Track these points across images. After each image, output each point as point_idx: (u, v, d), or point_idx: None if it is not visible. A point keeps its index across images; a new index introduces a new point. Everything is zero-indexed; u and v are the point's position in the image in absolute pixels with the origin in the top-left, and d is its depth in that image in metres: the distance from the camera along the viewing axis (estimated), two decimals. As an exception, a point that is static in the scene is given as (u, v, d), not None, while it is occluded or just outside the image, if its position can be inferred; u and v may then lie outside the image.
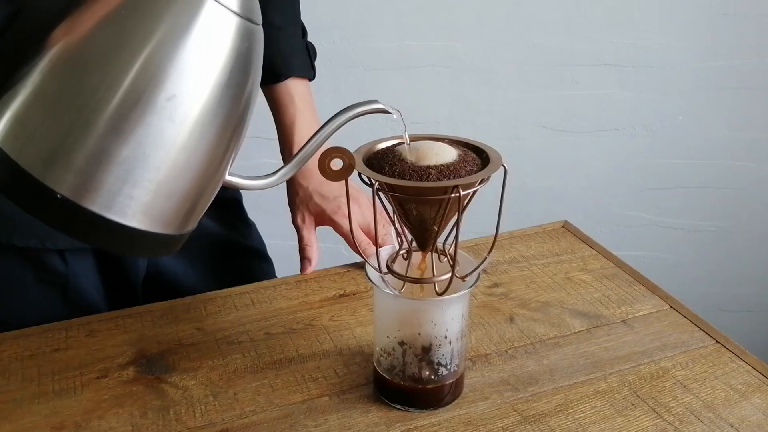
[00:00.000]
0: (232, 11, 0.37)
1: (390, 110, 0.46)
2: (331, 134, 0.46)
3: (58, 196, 0.36)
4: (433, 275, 0.51)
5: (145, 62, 0.36)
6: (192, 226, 0.43)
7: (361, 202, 0.75)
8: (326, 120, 0.46)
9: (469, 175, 0.47)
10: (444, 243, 0.53)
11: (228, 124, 0.39)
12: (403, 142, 0.51)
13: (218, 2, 0.37)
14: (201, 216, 0.43)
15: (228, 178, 0.43)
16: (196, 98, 0.37)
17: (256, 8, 0.40)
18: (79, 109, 0.36)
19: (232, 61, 0.38)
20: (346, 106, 0.46)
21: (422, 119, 1.31)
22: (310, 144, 0.46)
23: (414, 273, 0.52)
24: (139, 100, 0.36)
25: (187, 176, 0.39)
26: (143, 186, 0.37)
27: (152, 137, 0.36)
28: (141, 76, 0.36)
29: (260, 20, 0.40)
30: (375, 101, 0.46)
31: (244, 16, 0.38)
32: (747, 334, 1.45)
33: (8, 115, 0.37)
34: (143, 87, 0.36)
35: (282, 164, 0.48)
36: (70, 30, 0.36)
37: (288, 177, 0.47)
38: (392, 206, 0.50)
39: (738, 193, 1.55)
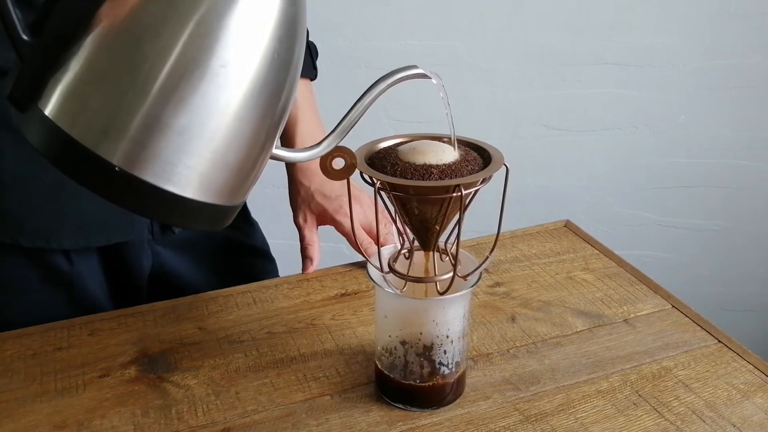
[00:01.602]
0: None
1: (430, 75, 0.46)
2: (373, 101, 0.45)
3: (116, 168, 0.35)
4: (435, 274, 0.51)
5: (195, 30, 0.35)
6: (243, 198, 0.42)
7: (362, 202, 0.75)
8: (368, 86, 0.45)
9: (470, 174, 0.47)
10: (446, 242, 0.53)
11: (278, 90, 0.39)
12: (405, 142, 0.51)
13: None
14: (251, 189, 0.42)
15: (274, 150, 0.42)
16: (249, 64, 0.37)
17: None
18: (133, 80, 0.35)
19: (281, 26, 0.38)
20: (386, 73, 0.45)
21: (423, 118, 1.31)
22: (353, 112, 0.45)
23: (416, 272, 0.52)
24: (193, 67, 0.35)
25: (242, 145, 0.38)
26: (200, 155, 0.37)
27: (207, 105, 0.36)
28: (193, 44, 0.35)
29: None
30: (415, 66, 0.46)
31: None
32: (749, 334, 1.45)
33: (60, 90, 0.36)
34: (196, 55, 0.35)
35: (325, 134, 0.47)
36: (119, 3, 0.36)
37: (333, 146, 0.46)
38: (394, 205, 0.50)
39: (740, 193, 1.55)
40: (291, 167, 0.78)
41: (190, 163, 0.37)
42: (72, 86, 0.36)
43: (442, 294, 0.51)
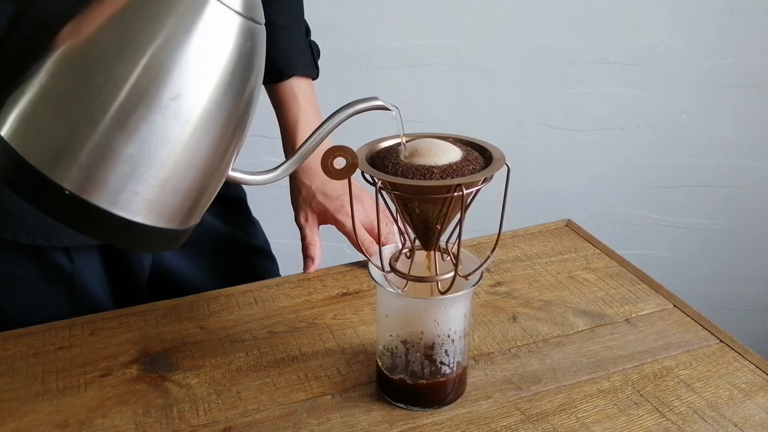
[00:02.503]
0: (235, 11, 0.38)
1: (389, 107, 0.47)
2: (332, 131, 0.46)
3: (66, 192, 0.36)
4: (436, 274, 0.51)
5: (149, 62, 0.36)
6: (195, 221, 0.43)
7: (363, 201, 0.75)
8: (326, 117, 0.47)
9: (471, 173, 0.47)
10: (447, 242, 0.53)
11: (231, 121, 0.40)
12: (406, 141, 0.51)
13: (221, 2, 0.37)
14: (204, 211, 0.43)
15: (231, 173, 0.44)
16: (200, 97, 0.38)
17: (258, 8, 0.40)
18: (86, 107, 0.36)
19: (235, 61, 0.39)
20: (346, 103, 0.46)
21: (425, 118, 1.31)
22: (310, 140, 0.46)
23: (417, 272, 0.52)
24: (144, 98, 0.36)
25: (191, 173, 0.39)
26: (148, 182, 0.38)
27: (157, 135, 0.37)
28: (146, 76, 0.36)
29: (263, 20, 0.41)
30: (375, 98, 0.47)
31: (247, 15, 0.39)
32: (751, 333, 1.45)
33: (16, 112, 0.37)
34: (148, 86, 0.36)
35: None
36: (77, 30, 0.37)
37: (289, 172, 0.47)
38: (395, 205, 0.50)
39: (742, 192, 1.55)
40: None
41: (139, 189, 0.38)
42: (27, 109, 0.37)
43: (443, 293, 0.51)
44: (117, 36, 0.36)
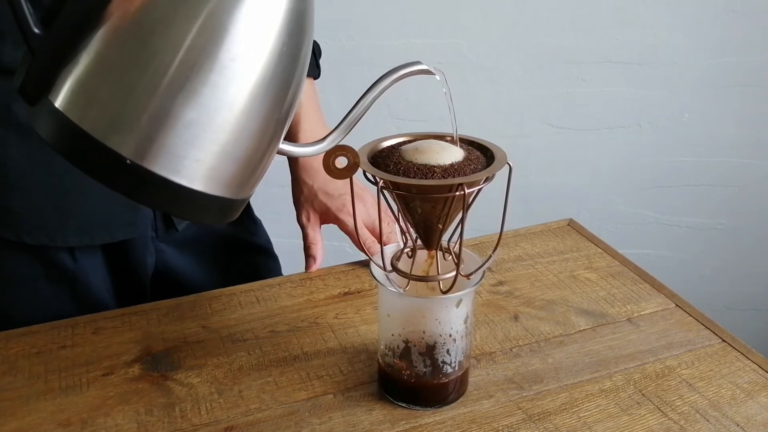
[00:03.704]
0: None
1: (433, 71, 0.46)
2: (377, 98, 0.45)
3: (128, 161, 0.36)
4: (438, 273, 0.51)
5: (205, 22, 0.36)
6: (251, 191, 0.43)
7: (365, 200, 0.75)
8: (372, 82, 0.46)
9: (473, 173, 0.47)
10: (449, 241, 0.53)
11: (286, 86, 0.39)
12: (408, 141, 0.51)
13: None
14: (258, 184, 0.43)
15: (281, 145, 0.43)
16: (257, 58, 0.37)
17: None
18: (142, 73, 0.36)
19: (289, 21, 0.38)
20: (389, 69, 0.45)
21: (427, 117, 1.31)
22: (357, 108, 0.45)
23: (419, 271, 0.52)
24: (203, 60, 0.36)
25: (249, 139, 0.39)
26: (208, 149, 0.37)
27: (216, 98, 0.36)
28: (203, 36, 0.36)
29: None
30: (418, 62, 0.46)
31: None
32: (753, 333, 1.45)
33: (70, 82, 0.37)
34: (206, 47, 0.36)
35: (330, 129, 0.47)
36: None
37: (337, 142, 0.46)
38: (397, 204, 0.50)
39: (744, 191, 1.55)
40: (294, 166, 0.78)
41: (199, 156, 0.37)
42: (82, 79, 0.37)
43: (445, 293, 0.51)
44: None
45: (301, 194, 0.77)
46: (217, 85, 0.36)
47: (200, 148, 0.37)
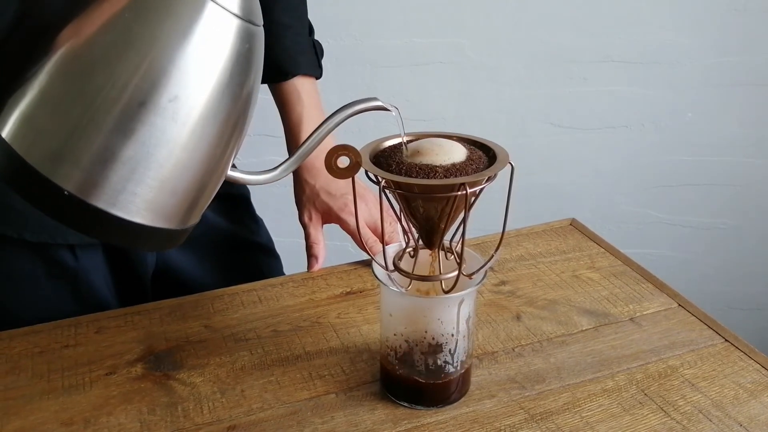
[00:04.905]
0: (233, 14, 0.38)
1: (389, 107, 0.47)
2: (331, 131, 0.47)
3: (65, 192, 0.37)
4: (440, 273, 0.51)
5: (148, 64, 0.36)
6: (195, 220, 0.43)
7: (367, 200, 0.75)
8: (326, 117, 0.47)
9: (475, 172, 0.47)
10: (451, 240, 0.53)
11: (228, 122, 0.40)
12: (409, 141, 0.51)
13: (219, 5, 0.37)
14: (203, 211, 0.43)
15: (231, 173, 0.44)
16: (198, 99, 0.38)
17: (256, 10, 0.40)
18: (85, 109, 0.36)
19: (233, 63, 0.39)
20: (346, 103, 0.46)
21: (429, 116, 1.31)
22: (310, 140, 0.47)
23: (421, 271, 0.52)
24: (143, 100, 0.37)
25: (189, 173, 0.40)
26: (147, 183, 0.38)
27: (155, 137, 0.37)
28: (144, 78, 0.36)
29: (261, 22, 0.41)
30: (375, 99, 0.47)
31: (245, 18, 0.39)
32: (756, 333, 1.45)
33: (16, 113, 0.38)
34: (147, 88, 0.36)
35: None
36: (77, 32, 0.37)
37: (289, 172, 0.47)
38: (399, 204, 0.50)
39: (747, 191, 1.54)
40: (296, 166, 0.78)
41: (137, 190, 0.38)
42: (28, 111, 0.37)
43: (447, 292, 0.51)
44: (116, 38, 0.37)
45: (303, 194, 0.77)
46: (154, 124, 0.37)
47: (138, 182, 0.38)
